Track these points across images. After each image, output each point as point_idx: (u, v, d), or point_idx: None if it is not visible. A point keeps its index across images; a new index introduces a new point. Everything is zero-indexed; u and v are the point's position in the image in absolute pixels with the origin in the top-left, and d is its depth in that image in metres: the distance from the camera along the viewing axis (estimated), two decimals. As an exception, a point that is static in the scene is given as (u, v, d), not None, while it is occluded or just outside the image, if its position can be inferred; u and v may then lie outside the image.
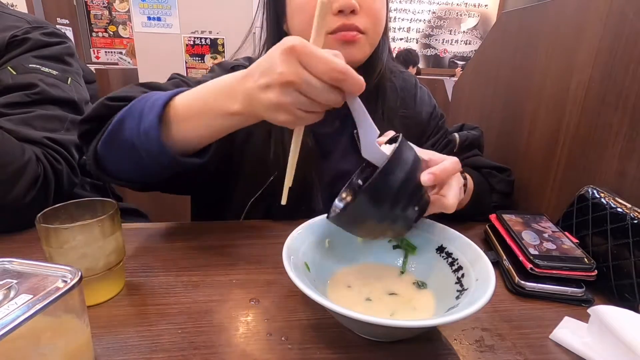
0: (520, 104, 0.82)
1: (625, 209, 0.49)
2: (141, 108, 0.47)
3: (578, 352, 0.38)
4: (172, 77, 0.64)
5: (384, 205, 0.39)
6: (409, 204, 0.41)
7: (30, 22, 0.74)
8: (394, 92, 0.72)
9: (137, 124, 0.46)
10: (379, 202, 0.39)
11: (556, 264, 0.47)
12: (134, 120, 0.47)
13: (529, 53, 0.80)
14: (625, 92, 0.56)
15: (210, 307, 0.43)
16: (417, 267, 0.48)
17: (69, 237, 0.40)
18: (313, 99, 0.38)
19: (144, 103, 0.48)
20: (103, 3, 3.23)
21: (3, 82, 0.66)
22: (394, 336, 0.39)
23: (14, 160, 0.58)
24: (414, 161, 0.41)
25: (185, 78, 0.64)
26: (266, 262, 0.52)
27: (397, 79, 0.74)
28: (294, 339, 0.38)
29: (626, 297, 0.45)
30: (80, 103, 0.74)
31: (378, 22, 0.60)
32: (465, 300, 0.37)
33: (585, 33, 0.64)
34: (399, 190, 0.39)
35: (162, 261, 0.52)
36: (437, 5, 3.80)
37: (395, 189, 0.39)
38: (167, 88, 0.58)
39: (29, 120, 0.64)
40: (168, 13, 1.92)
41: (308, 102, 0.38)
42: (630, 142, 0.55)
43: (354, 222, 0.43)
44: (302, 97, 0.38)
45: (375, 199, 0.39)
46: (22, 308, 0.27)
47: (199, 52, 1.98)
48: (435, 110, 0.77)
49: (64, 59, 0.76)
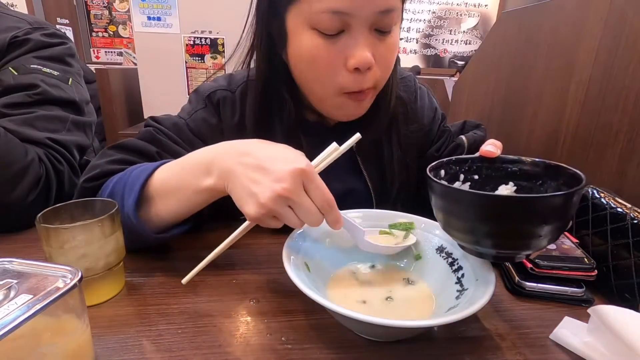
0: (520, 104, 0.82)
1: (625, 209, 0.49)
2: (122, 189, 0.48)
3: (578, 352, 0.38)
4: (146, 124, 0.61)
5: (555, 221, 0.33)
6: (551, 240, 0.35)
7: (31, 23, 0.74)
8: (403, 108, 0.69)
9: (121, 206, 0.46)
10: (554, 216, 0.33)
11: (556, 264, 0.47)
12: (119, 203, 0.46)
13: (529, 53, 0.80)
14: (625, 92, 0.56)
15: (210, 307, 0.43)
16: (417, 267, 0.48)
17: (69, 237, 0.40)
18: (299, 217, 0.40)
19: (124, 183, 0.48)
20: (103, 3, 3.22)
21: (4, 83, 0.66)
22: (394, 336, 0.39)
23: (17, 160, 0.58)
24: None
25: (160, 123, 0.60)
26: (266, 262, 0.52)
27: (401, 87, 0.71)
28: (294, 339, 0.38)
29: (626, 297, 0.45)
30: (81, 103, 0.75)
31: (389, 71, 0.56)
32: (465, 300, 0.37)
33: (585, 33, 0.64)
34: (542, 224, 0.33)
35: (163, 261, 0.52)
36: (437, 5, 3.80)
37: (568, 215, 0.34)
38: (143, 147, 0.56)
39: (31, 121, 0.64)
40: (168, 13, 1.92)
41: (292, 216, 0.40)
42: (630, 142, 0.55)
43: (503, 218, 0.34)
44: (289, 212, 0.40)
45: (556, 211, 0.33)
46: (22, 308, 0.27)
47: (199, 52, 1.97)
48: (436, 113, 0.75)
49: (64, 59, 0.76)
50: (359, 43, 0.49)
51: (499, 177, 0.43)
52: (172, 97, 1.85)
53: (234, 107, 0.63)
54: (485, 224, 0.35)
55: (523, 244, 0.35)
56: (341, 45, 0.50)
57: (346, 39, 0.50)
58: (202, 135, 0.61)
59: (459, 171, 0.44)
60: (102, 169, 0.53)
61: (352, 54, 0.49)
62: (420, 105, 0.73)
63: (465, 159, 0.44)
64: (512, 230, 0.34)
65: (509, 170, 0.43)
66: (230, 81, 0.65)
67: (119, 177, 0.50)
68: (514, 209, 0.33)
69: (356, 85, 0.52)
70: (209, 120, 0.62)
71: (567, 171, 0.38)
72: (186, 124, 0.61)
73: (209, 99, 0.63)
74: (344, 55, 0.50)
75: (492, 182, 0.43)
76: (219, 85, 0.64)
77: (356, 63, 0.49)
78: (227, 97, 0.63)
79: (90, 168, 0.54)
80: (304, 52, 0.52)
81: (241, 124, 0.63)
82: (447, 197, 0.37)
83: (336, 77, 0.52)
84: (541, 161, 0.41)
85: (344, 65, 0.51)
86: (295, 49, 0.53)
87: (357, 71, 0.51)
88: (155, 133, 0.58)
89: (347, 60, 0.50)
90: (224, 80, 0.66)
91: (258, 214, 0.40)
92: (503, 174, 0.43)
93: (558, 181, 0.39)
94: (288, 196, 0.39)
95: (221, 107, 0.63)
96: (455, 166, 0.44)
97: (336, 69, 0.51)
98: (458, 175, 0.44)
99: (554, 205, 0.33)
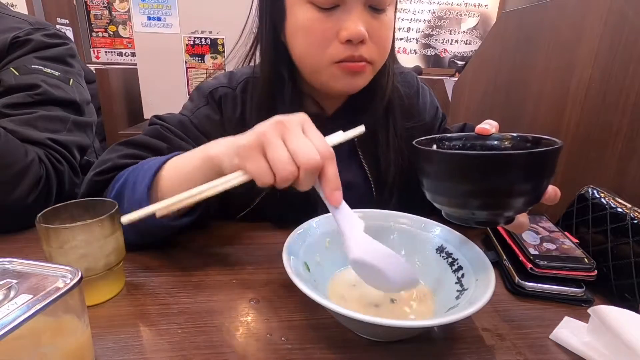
0: (520, 104, 0.82)
1: (625, 209, 0.49)
2: (135, 178, 0.48)
3: (578, 352, 0.38)
4: (151, 122, 0.62)
5: (526, 181, 0.35)
6: (527, 203, 0.37)
7: (32, 23, 0.74)
8: (400, 100, 0.70)
9: (131, 196, 0.47)
10: (529, 175, 0.35)
11: (556, 264, 0.47)
12: (130, 192, 0.48)
13: (529, 53, 0.80)
14: (625, 92, 0.56)
15: (210, 307, 0.43)
16: (417, 266, 0.48)
17: (69, 237, 0.40)
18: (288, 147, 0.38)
19: (137, 172, 0.49)
20: (103, 3, 3.22)
21: (6, 83, 0.66)
22: (394, 336, 0.39)
23: (17, 160, 0.58)
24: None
25: (165, 121, 0.62)
26: (266, 262, 0.52)
27: (401, 83, 0.71)
28: (294, 339, 0.38)
29: (626, 297, 0.45)
30: (82, 104, 0.75)
31: (385, 50, 0.57)
32: (465, 300, 0.37)
33: (585, 33, 0.64)
34: (537, 180, 0.36)
35: (162, 261, 0.52)
36: (437, 5, 3.80)
37: (538, 177, 0.36)
38: (152, 143, 0.58)
39: (31, 121, 0.65)
40: (168, 13, 1.92)
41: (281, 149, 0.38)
42: (630, 142, 0.55)
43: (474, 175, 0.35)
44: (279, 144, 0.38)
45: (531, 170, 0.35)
46: (22, 308, 0.27)
47: (199, 52, 1.97)
48: (438, 111, 0.76)
49: (65, 60, 0.76)
50: (352, 17, 0.51)
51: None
52: (172, 97, 1.85)
53: (235, 103, 0.65)
54: (463, 183, 0.36)
55: (500, 202, 0.37)
56: (335, 19, 0.52)
57: (340, 13, 0.52)
58: (206, 131, 0.63)
59: (453, 148, 0.45)
60: (113, 162, 0.54)
61: (345, 26, 0.51)
62: (423, 102, 0.74)
63: (460, 136, 0.45)
64: (489, 188, 0.36)
65: (502, 147, 0.43)
66: (231, 78, 0.67)
67: (132, 168, 0.51)
68: (491, 166, 0.35)
69: (347, 52, 0.53)
70: (211, 116, 0.64)
71: (549, 142, 0.39)
72: (190, 121, 0.63)
73: (211, 95, 0.64)
74: (337, 28, 0.52)
75: None
76: (220, 82, 0.66)
77: (348, 35, 0.51)
78: (228, 93, 0.65)
79: (101, 162, 0.55)
80: (299, 25, 0.54)
81: (242, 119, 0.64)
82: (428, 159, 0.38)
83: (329, 48, 0.53)
84: (529, 135, 0.42)
85: (337, 37, 0.52)
86: (292, 24, 0.55)
87: (349, 43, 0.52)
88: (162, 130, 0.60)
89: (340, 32, 0.52)
90: (225, 78, 0.67)
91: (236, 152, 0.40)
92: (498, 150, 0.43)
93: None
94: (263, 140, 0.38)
95: (223, 104, 0.64)
96: (449, 142, 0.45)
97: (329, 40, 0.53)
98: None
99: (527, 162, 0.34)
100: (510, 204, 0.37)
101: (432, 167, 0.38)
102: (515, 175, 0.35)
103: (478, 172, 0.35)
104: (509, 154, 0.36)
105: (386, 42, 0.57)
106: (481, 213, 0.38)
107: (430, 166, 0.38)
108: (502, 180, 0.35)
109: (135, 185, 0.48)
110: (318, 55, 0.54)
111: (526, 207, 0.38)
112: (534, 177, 0.36)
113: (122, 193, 0.49)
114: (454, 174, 0.37)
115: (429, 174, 0.39)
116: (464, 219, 0.40)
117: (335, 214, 0.39)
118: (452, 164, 0.37)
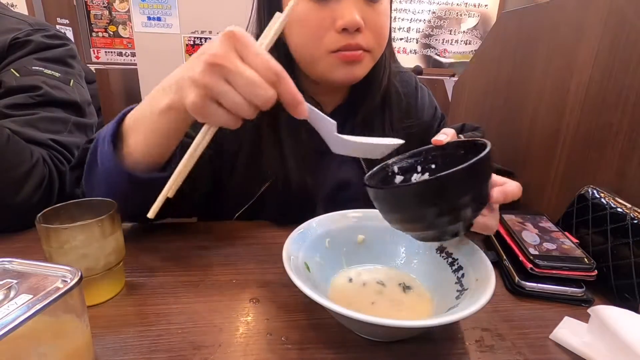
0: (520, 104, 0.82)
1: (625, 209, 0.49)
2: (100, 140, 0.47)
3: (578, 352, 0.38)
4: None
5: (453, 200, 0.36)
6: (470, 214, 0.39)
7: (32, 24, 0.74)
8: (398, 98, 0.70)
9: (101, 148, 0.46)
10: (451, 196, 0.36)
11: (556, 264, 0.47)
12: (100, 145, 0.46)
13: (529, 53, 0.80)
14: (625, 92, 0.56)
15: (210, 307, 0.43)
16: (417, 267, 0.48)
17: (69, 237, 0.40)
18: (238, 91, 0.35)
19: (102, 135, 0.47)
20: (103, 3, 3.22)
21: (7, 84, 0.67)
22: (394, 336, 0.39)
23: (24, 161, 0.58)
24: (490, 173, 0.39)
25: None
26: (266, 262, 0.52)
27: (400, 82, 0.72)
28: (294, 339, 0.38)
29: (626, 297, 0.45)
30: (83, 105, 0.75)
31: (382, 38, 0.58)
32: (465, 300, 0.37)
33: (585, 33, 0.64)
34: (474, 193, 0.37)
35: (162, 261, 0.52)
36: (437, 5, 3.80)
37: (473, 190, 0.37)
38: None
39: (33, 122, 0.65)
40: (168, 13, 1.92)
41: (234, 94, 0.35)
42: (630, 142, 0.55)
43: (407, 204, 0.38)
44: (230, 89, 0.35)
45: (451, 190, 0.36)
46: (22, 308, 0.27)
47: (199, 52, 1.98)
48: (436, 111, 0.77)
49: (66, 61, 0.76)
50: (347, 5, 0.52)
51: (455, 162, 0.43)
52: (172, 97, 1.84)
53: None
54: (396, 212, 0.39)
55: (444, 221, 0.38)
56: (331, 8, 0.53)
57: (335, 3, 0.53)
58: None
59: (416, 163, 0.47)
60: (82, 148, 0.53)
61: (341, 15, 0.52)
62: (421, 102, 0.75)
63: (420, 151, 0.47)
64: (412, 216, 0.39)
65: (459, 154, 0.44)
66: None
67: (97, 134, 0.50)
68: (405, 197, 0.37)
69: (344, 41, 0.53)
70: None
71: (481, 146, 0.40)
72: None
73: None
74: (332, 17, 0.53)
75: (449, 167, 0.43)
76: None
77: (344, 23, 0.52)
78: None
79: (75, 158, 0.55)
80: (296, 15, 0.54)
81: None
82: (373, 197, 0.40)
83: (325, 37, 0.54)
84: (464, 141, 0.44)
85: (333, 27, 0.53)
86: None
87: (345, 32, 0.53)
88: None
89: (336, 21, 0.53)
90: None
91: (196, 98, 0.35)
92: (456, 159, 0.43)
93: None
94: (219, 62, 0.33)
95: None
96: (410, 159, 0.47)
97: (325, 29, 0.54)
98: (415, 167, 0.47)
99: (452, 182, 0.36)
100: (457, 217, 0.38)
101: (376, 203, 0.41)
102: (446, 195, 0.36)
103: (404, 202, 0.38)
104: (425, 181, 0.38)
105: (383, 30, 0.57)
106: (429, 233, 0.40)
107: (375, 202, 0.41)
108: (430, 206, 0.37)
109: (104, 139, 0.45)
110: (315, 45, 0.55)
111: (475, 213, 0.40)
112: (466, 190, 0.36)
113: (95, 150, 0.48)
114: (384, 207, 0.41)
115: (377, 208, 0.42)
116: (423, 239, 0.43)
117: (310, 120, 0.40)
118: (379, 200, 0.40)
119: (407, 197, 0.37)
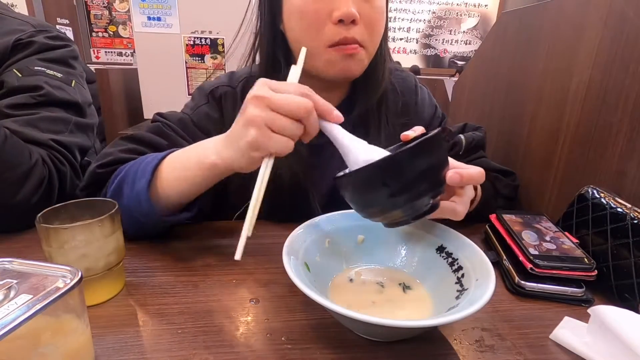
0: (520, 104, 0.82)
1: (625, 209, 0.49)
2: (134, 173, 0.51)
3: (578, 352, 0.38)
4: (154, 119, 0.64)
5: (402, 180, 0.38)
6: (424, 194, 0.39)
7: (34, 25, 0.74)
8: (395, 95, 0.71)
9: (130, 190, 0.50)
10: (398, 176, 0.37)
11: (556, 264, 0.47)
12: (129, 187, 0.50)
13: (529, 53, 0.80)
14: (625, 92, 0.56)
15: (210, 307, 0.43)
16: (417, 267, 0.48)
17: (69, 237, 0.40)
18: (282, 113, 0.41)
19: (136, 168, 0.51)
20: (103, 3, 3.23)
21: (9, 84, 0.67)
22: (394, 336, 0.39)
23: (23, 162, 0.58)
24: (444, 154, 0.41)
25: (167, 119, 0.64)
26: (266, 262, 0.52)
27: (397, 80, 0.73)
28: (294, 339, 0.38)
29: (626, 297, 0.45)
30: (84, 105, 0.76)
31: (376, 33, 0.59)
32: (465, 300, 0.37)
33: (585, 33, 0.64)
34: (423, 173, 0.38)
35: (162, 261, 0.52)
36: (437, 5, 3.80)
37: (421, 170, 0.38)
38: (153, 139, 0.60)
39: (34, 122, 0.65)
40: (168, 13, 1.92)
41: (277, 118, 0.41)
42: (630, 142, 0.55)
43: (362, 189, 0.40)
44: (272, 113, 0.41)
45: (398, 171, 0.37)
46: (22, 308, 0.27)
47: (199, 52, 1.98)
48: (436, 111, 0.77)
49: (68, 61, 0.77)
50: None
51: None
52: (172, 97, 1.85)
53: (235, 101, 0.67)
54: (399, 182, 0.39)
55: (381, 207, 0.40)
56: (327, 1, 0.55)
57: None
58: (205, 129, 0.64)
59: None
60: (115, 156, 0.57)
61: (337, 6, 0.54)
62: (421, 101, 0.75)
63: (393, 148, 0.48)
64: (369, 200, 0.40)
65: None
66: (231, 78, 0.69)
67: (131, 163, 0.54)
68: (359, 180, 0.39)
69: (340, 34, 0.55)
70: (211, 114, 0.66)
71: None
72: (190, 119, 0.65)
73: (211, 94, 0.67)
74: (329, 8, 0.55)
75: None
76: (221, 82, 0.68)
77: (340, 15, 0.54)
78: (229, 92, 0.67)
79: (103, 155, 0.58)
80: (294, 8, 0.57)
81: None
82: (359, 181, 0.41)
83: (322, 29, 0.56)
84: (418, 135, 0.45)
85: (329, 18, 0.55)
86: (288, 9, 0.58)
87: (342, 23, 0.55)
88: (164, 127, 0.62)
89: (332, 12, 0.54)
90: (226, 77, 0.69)
91: (254, 131, 0.41)
92: None
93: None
94: (260, 94, 0.41)
95: (223, 102, 0.67)
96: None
97: (323, 21, 0.55)
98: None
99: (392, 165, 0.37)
100: (411, 197, 0.39)
101: (344, 195, 0.42)
102: (394, 175, 0.38)
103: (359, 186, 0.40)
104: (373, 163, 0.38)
105: (377, 26, 0.59)
106: (393, 214, 0.41)
107: (344, 195, 0.42)
108: (381, 186, 0.38)
109: (135, 180, 0.50)
110: (313, 37, 0.56)
111: (432, 193, 0.41)
112: (413, 169, 0.38)
113: (121, 187, 0.51)
114: (348, 196, 0.42)
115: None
116: (389, 224, 0.44)
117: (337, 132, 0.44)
118: (342, 190, 0.42)
119: (361, 180, 0.39)
